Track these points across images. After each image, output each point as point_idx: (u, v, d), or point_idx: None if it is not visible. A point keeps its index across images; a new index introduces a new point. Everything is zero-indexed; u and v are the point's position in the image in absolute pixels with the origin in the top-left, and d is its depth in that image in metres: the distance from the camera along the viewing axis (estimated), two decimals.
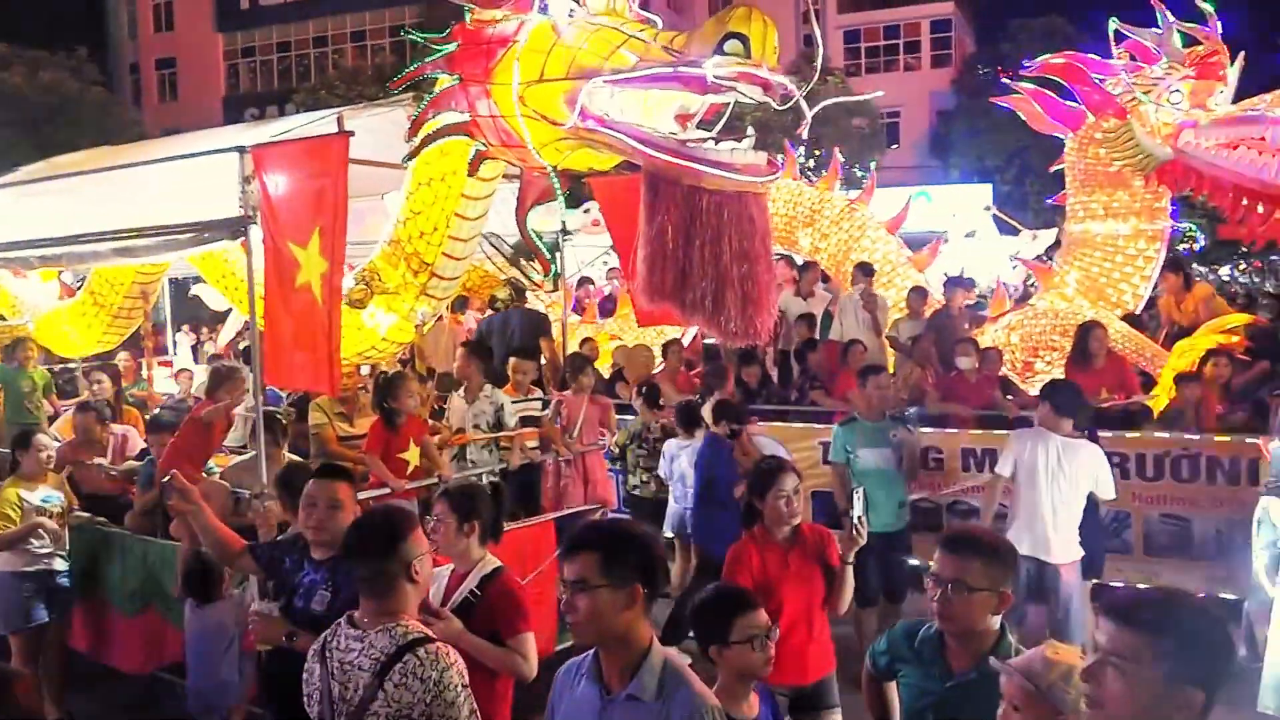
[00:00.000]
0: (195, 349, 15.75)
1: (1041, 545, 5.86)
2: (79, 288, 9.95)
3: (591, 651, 2.73)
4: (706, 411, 7.48)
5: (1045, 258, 14.70)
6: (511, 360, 8.06)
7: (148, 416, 8.94)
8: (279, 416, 6.87)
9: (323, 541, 3.90)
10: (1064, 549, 5.89)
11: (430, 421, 7.45)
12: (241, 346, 11.77)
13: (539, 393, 8.09)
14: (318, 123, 6.53)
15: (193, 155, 6.45)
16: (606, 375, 10.20)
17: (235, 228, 5.78)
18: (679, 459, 7.54)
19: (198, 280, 11.08)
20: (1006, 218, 17.91)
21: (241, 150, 5.75)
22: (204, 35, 42.00)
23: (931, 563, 3.04)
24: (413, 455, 6.62)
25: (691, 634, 3.55)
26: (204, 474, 6.29)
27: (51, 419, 9.64)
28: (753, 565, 4.38)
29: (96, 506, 6.92)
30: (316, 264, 5.37)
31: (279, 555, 4.16)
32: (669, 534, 7.73)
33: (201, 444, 6.49)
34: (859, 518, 4.31)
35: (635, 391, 8.56)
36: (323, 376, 5.55)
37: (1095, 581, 6.33)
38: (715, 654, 3.23)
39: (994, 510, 6.32)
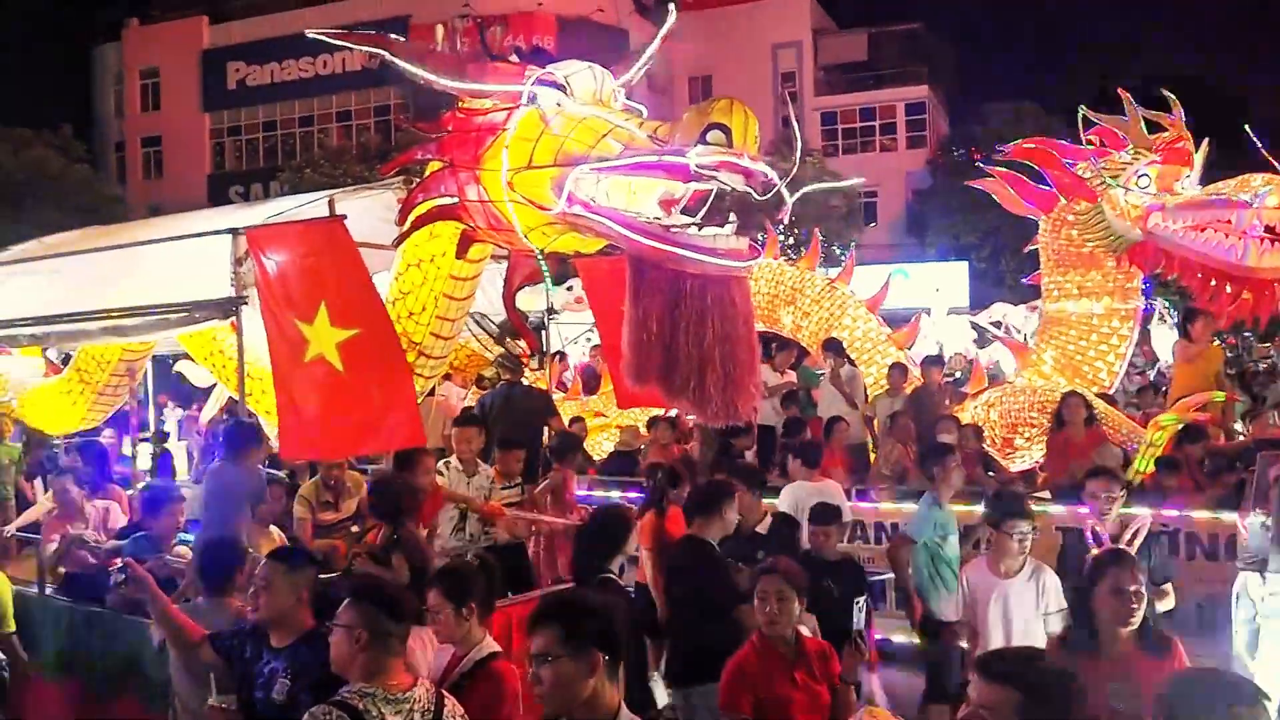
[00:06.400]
0: (181, 424, 15.71)
1: None
2: (64, 364, 9.97)
3: None
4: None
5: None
6: (498, 452, 7.97)
7: (138, 489, 8.84)
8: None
9: (261, 620, 3.84)
10: None
11: None
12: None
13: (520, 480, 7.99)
14: (309, 205, 6.66)
15: (185, 237, 6.56)
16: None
17: (226, 308, 5.87)
18: None
19: (180, 357, 11.11)
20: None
21: (235, 232, 5.86)
22: (190, 114, 42.42)
23: None
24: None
25: None
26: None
27: (18, 501, 9.54)
28: (756, 680, 3.98)
29: (76, 585, 6.84)
30: (328, 335, 5.48)
31: (239, 643, 4.01)
32: None
33: None
34: (860, 631, 4.04)
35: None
36: (357, 440, 5.81)
37: None
38: None
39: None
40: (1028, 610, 4.99)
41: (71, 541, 6.91)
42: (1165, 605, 5.60)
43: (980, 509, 7.51)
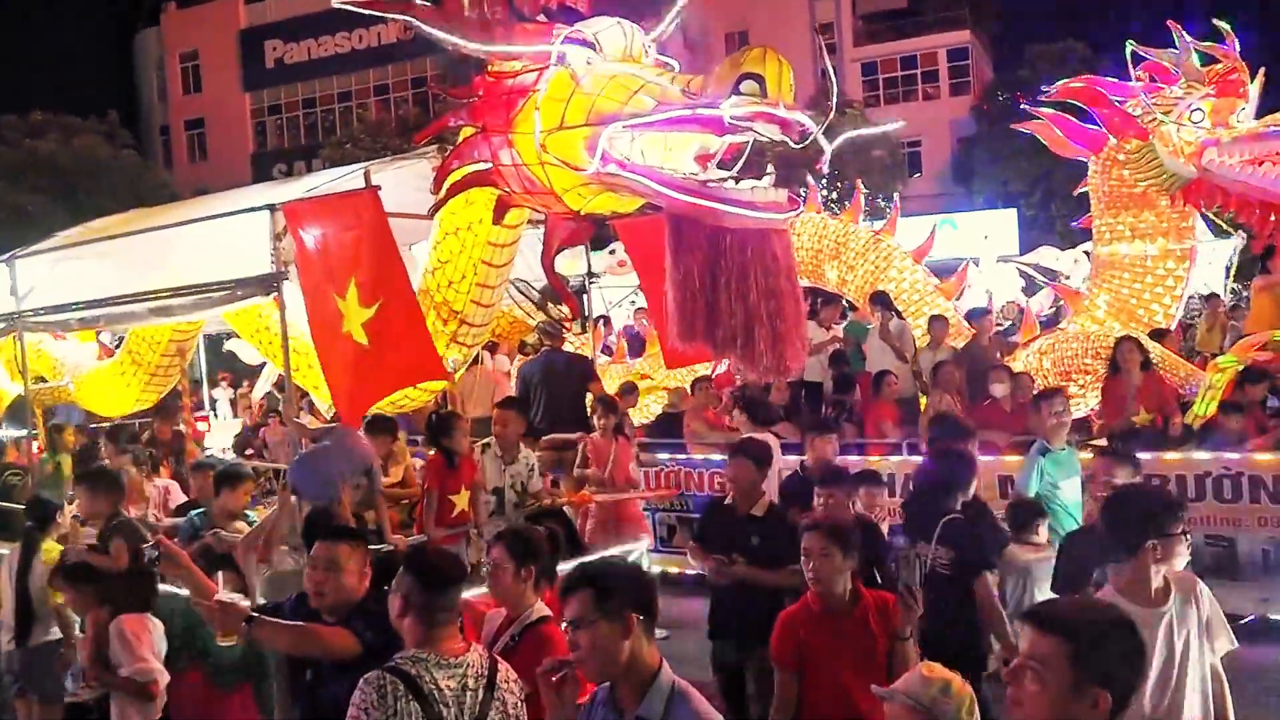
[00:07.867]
0: (233, 402, 15.95)
1: None
2: (117, 348, 10.11)
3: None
4: None
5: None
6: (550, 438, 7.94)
7: (191, 463, 8.95)
8: None
9: (327, 605, 3.69)
10: None
11: None
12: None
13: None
14: (346, 178, 6.66)
15: (224, 215, 6.58)
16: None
17: (268, 284, 5.89)
18: None
19: (231, 336, 11.24)
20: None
21: (271, 208, 5.87)
22: (231, 95, 42.84)
23: None
24: (461, 499, 6.52)
25: None
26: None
27: None
28: (802, 633, 3.94)
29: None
30: (356, 314, 5.55)
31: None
32: None
33: None
34: (909, 586, 3.88)
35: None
36: (383, 386, 6.10)
37: None
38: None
39: None
40: (1194, 648, 3.27)
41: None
42: None
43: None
